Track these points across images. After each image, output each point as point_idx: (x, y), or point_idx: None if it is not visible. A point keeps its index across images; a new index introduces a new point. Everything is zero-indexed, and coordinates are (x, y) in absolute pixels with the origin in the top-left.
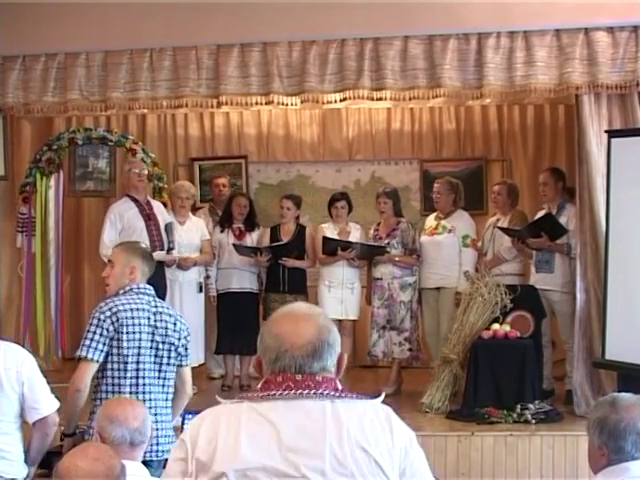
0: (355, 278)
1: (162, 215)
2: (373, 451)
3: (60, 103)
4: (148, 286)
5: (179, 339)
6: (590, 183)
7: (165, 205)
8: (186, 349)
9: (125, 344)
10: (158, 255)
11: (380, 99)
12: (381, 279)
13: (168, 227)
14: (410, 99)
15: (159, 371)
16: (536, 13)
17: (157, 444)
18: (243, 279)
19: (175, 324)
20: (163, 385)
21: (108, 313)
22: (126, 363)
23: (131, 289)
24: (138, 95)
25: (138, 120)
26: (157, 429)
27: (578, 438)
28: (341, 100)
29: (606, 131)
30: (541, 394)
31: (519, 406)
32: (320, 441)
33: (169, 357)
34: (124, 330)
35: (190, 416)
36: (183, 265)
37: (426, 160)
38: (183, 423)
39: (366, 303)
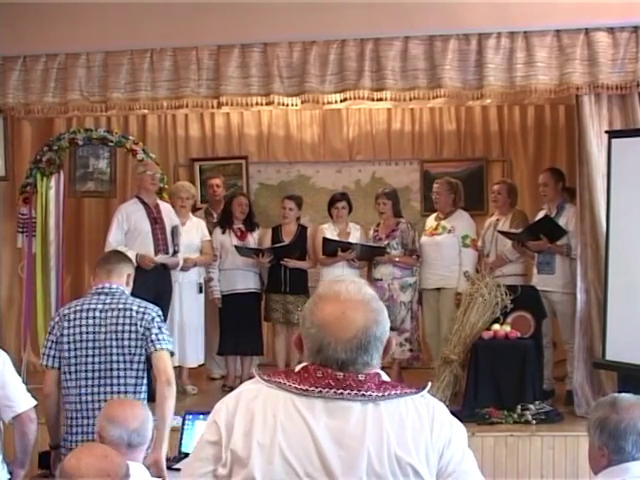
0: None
1: (170, 218)
2: (412, 457)
3: (60, 103)
4: (115, 286)
5: (140, 325)
6: (590, 184)
7: None
8: (154, 334)
9: (65, 346)
10: (161, 258)
11: (380, 99)
12: (381, 280)
13: (174, 230)
14: (410, 99)
15: (110, 369)
16: (536, 13)
17: None
18: (247, 280)
19: (132, 314)
20: (125, 377)
21: (57, 318)
22: (69, 365)
23: (91, 292)
24: (138, 95)
25: (138, 120)
26: None
27: (578, 439)
28: (341, 100)
29: (606, 132)
30: (541, 394)
31: (519, 407)
32: (358, 449)
33: (130, 347)
34: (65, 332)
35: (190, 416)
36: (183, 266)
37: (426, 160)
38: (184, 424)
39: None
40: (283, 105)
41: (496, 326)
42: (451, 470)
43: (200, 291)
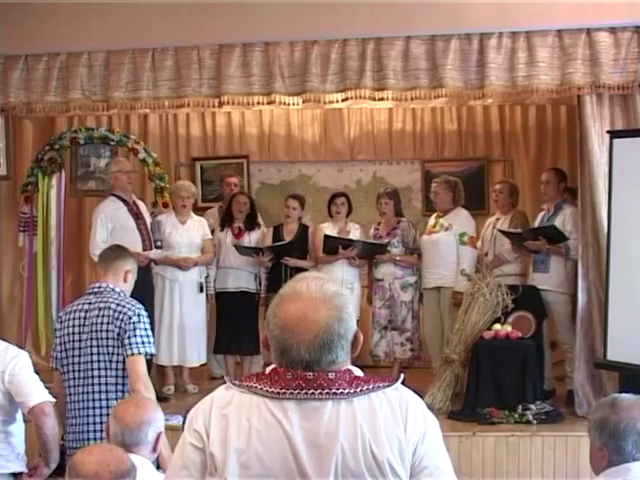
0: (354, 278)
1: (147, 214)
2: (387, 453)
3: (62, 103)
4: (104, 285)
5: (115, 325)
6: (592, 184)
7: (166, 205)
8: (127, 338)
9: (58, 347)
10: (153, 254)
11: (382, 99)
12: (382, 280)
13: (154, 226)
14: (412, 99)
15: (91, 369)
16: (538, 13)
17: None
18: (239, 279)
19: (109, 312)
20: (106, 376)
21: (58, 321)
22: (62, 366)
23: (85, 292)
24: (140, 95)
25: (140, 120)
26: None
27: (579, 439)
28: (343, 100)
29: (608, 132)
30: (542, 394)
31: (520, 406)
32: (332, 448)
33: (108, 346)
34: (57, 334)
35: None
36: (182, 265)
37: (428, 160)
38: (184, 423)
39: (367, 303)
40: (284, 104)
41: (497, 326)
42: (424, 465)
43: (201, 290)
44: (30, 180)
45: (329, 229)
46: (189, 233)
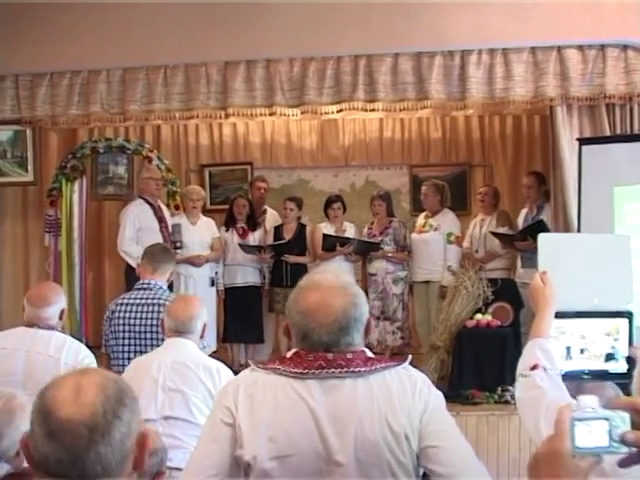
0: (349, 272)
1: (169, 218)
2: (400, 422)
3: (83, 115)
4: (153, 282)
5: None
6: (563, 186)
7: (178, 207)
8: None
9: (110, 335)
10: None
11: (373, 110)
12: (375, 274)
13: (176, 228)
14: (400, 110)
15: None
16: (513, 33)
17: None
18: (246, 274)
19: (161, 309)
20: None
21: (107, 312)
22: (112, 352)
23: (136, 287)
24: (153, 107)
25: (154, 130)
26: None
27: None
28: (337, 111)
29: (577, 139)
30: None
31: (500, 388)
32: (351, 419)
33: (159, 337)
34: (109, 323)
35: None
36: (196, 262)
37: (415, 165)
38: None
39: None
40: (284, 115)
41: (478, 315)
42: (430, 430)
43: (212, 284)
44: (55, 186)
45: (327, 229)
46: (200, 232)
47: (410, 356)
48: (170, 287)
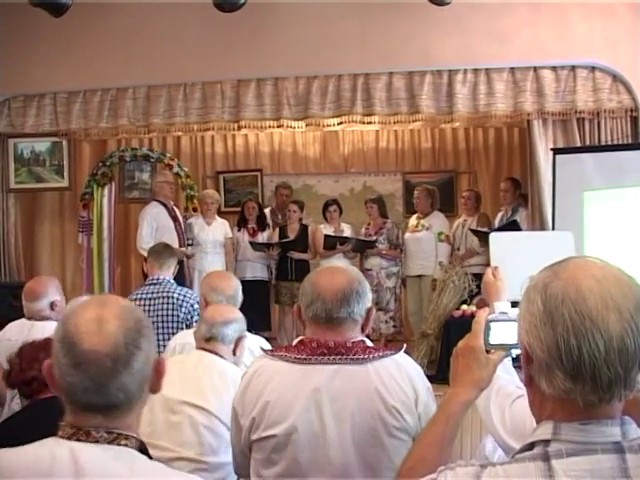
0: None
1: (181, 218)
2: (395, 401)
3: (112, 128)
4: (162, 278)
5: (180, 311)
6: (539, 191)
7: (195, 209)
8: (193, 317)
9: None
10: (190, 250)
11: (370, 123)
12: (371, 270)
13: (188, 227)
14: (394, 123)
15: (163, 346)
16: (495, 55)
17: None
18: (255, 269)
19: (173, 301)
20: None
21: None
22: None
23: (146, 283)
24: (174, 121)
25: (174, 141)
26: None
27: None
28: (338, 124)
29: (552, 149)
30: None
31: None
32: (348, 399)
33: (171, 328)
34: None
35: None
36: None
37: (408, 172)
38: None
39: None
40: (291, 127)
41: (464, 306)
42: (420, 411)
43: None
44: (87, 191)
45: (326, 229)
46: (214, 232)
47: (405, 345)
48: (181, 280)
